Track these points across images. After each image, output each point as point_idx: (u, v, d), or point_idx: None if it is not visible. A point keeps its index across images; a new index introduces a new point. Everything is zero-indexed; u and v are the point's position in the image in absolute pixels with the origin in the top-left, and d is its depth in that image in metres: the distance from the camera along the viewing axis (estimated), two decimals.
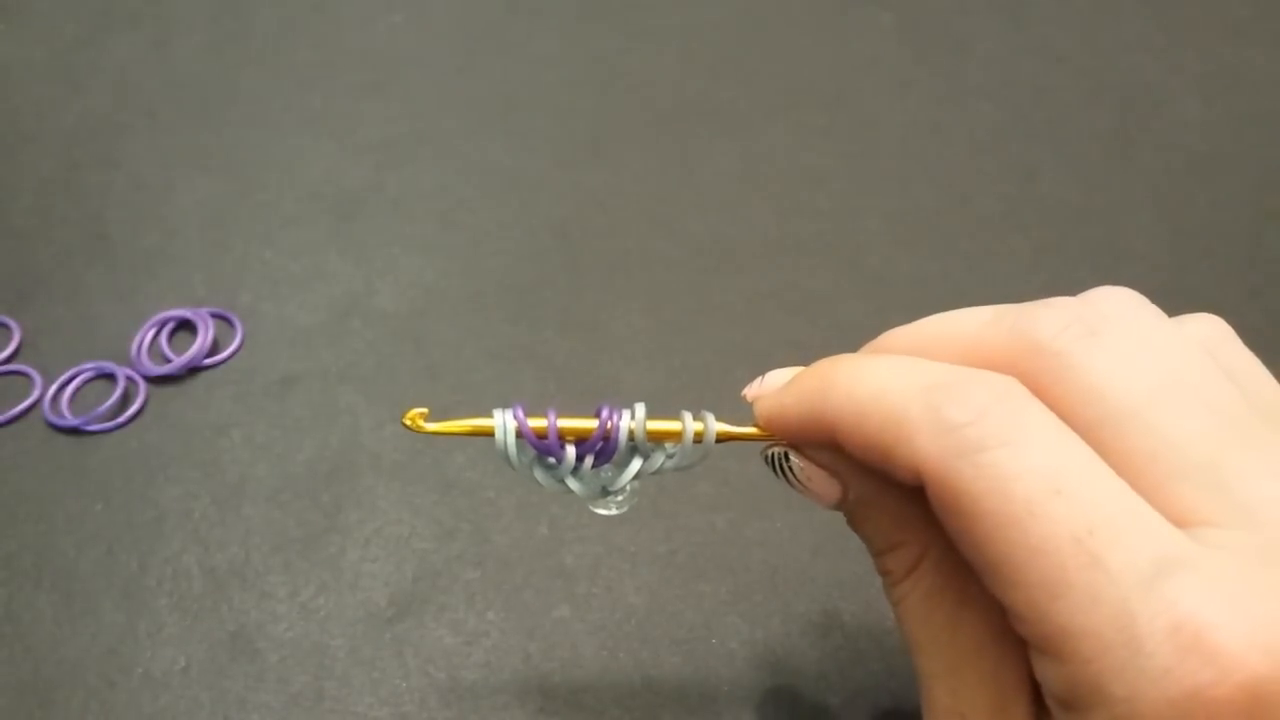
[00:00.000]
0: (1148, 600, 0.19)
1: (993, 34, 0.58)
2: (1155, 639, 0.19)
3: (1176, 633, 0.18)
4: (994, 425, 0.21)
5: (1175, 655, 0.18)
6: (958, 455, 0.21)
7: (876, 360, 0.25)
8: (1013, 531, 0.20)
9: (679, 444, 0.26)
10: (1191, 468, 0.21)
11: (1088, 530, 0.19)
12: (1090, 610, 0.19)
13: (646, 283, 0.45)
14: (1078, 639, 0.19)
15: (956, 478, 0.21)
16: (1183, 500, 0.20)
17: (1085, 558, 0.19)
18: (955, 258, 0.46)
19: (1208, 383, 0.22)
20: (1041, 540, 0.20)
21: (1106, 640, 0.19)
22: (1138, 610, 0.19)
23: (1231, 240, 0.48)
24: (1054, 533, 0.20)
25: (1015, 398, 0.21)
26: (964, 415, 0.21)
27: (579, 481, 0.27)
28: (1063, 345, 0.22)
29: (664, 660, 0.33)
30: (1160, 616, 0.19)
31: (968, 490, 0.21)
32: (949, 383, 0.22)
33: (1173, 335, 0.23)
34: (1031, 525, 0.20)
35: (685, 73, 0.55)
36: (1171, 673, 0.18)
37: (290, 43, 0.55)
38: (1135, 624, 0.19)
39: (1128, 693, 0.19)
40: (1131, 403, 0.21)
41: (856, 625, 0.34)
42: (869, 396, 0.23)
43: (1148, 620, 0.19)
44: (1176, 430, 0.21)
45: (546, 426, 0.26)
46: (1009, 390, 0.21)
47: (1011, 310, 0.24)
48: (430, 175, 0.48)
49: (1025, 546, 0.20)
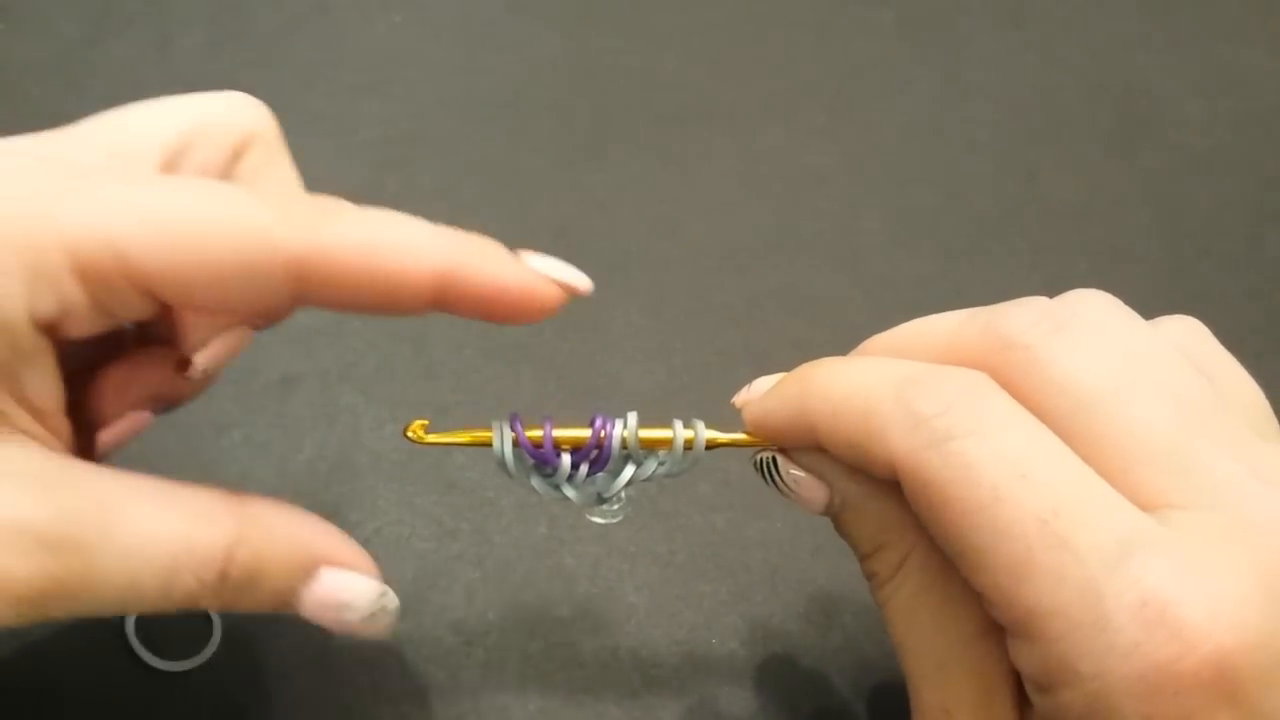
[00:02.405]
0: (1114, 578, 0.19)
1: (993, 34, 0.59)
2: (1122, 615, 0.19)
3: (1143, 609, 0.19)
4: (961, 416, 0.21)
5: (1142, 631, 0.19)
6: (927, 445, 0.21)
7: (853, 361, 0.26)
8: (980, 516, 0.20)
9: (671, 451, 0.27)
10: (1155, 453, 0.21)
11: (1053, 512, 0.20)
12: (1057, 590, 0.20)
13: (646, 283, 0.45)
14: (1047, 618, 0.20)
15: (926, 467, 0.21)
16: (1147, 484, 0.21)
17: (1051, 539, 0.20)
18: (955, 258, 0.47)
19: (1175, 375, 0.22)
20: (1008, 524, 0.20)
21: (1074, 619, 0.19)
22: (1104, 588, 0.19)
23: (1231, 240, 0.48)
24: (1020, 516, 0.20)
25: (981, 389, 0.22)
26: (933, 407, 0.22)
27: (575, 489, 0.27)
28: (1031, 339, 0.23)
29: (664, 660, 0.33)
30: (1126, 593, 0.19)
31: (936, 478, 0.21)
32: (919, 378, 0.22)
33: (1143, 332, 0.23)
34: (998, 509, 0.20)
35: (685, 73, 0.55)
36: (1139, 648, 0.19)
37: (290, 43, 0.55)
38: (1102, 602, 0.19)
39: (1097, 669, 0.19)
40: (1097, 393, 0.22)
41: (856, 625, 0.34)
42: (844, 395, 0.24)
43: (1114, 597, 0.19)
44: (1141, 418, 0.21)
45: (543, 436, 0.26)
46: (976, 383, 0.22)
47: (985, 310, 0.24)
48: (430, 175, 0.48)
49: (993, 530, 0.20)
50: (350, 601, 0.24)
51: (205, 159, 0.25)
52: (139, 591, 0.22)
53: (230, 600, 0.23)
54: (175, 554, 0.22)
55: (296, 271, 0.22)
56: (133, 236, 0.21)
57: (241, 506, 0.23)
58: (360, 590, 0.24)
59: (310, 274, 0.22)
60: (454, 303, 0.24)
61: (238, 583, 0.23)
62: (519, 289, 0.24)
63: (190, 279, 0.22)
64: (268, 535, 0.23)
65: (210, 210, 0.22)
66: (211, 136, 0.25)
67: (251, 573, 0.23)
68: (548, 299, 0.24)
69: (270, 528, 0.23)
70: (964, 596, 0.23)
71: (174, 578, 0.22)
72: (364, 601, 0.24)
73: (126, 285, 0.21)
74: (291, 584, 0.24)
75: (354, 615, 0.24)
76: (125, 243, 0.21)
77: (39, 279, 0.21)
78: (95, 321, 0.22)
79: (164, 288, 0.22)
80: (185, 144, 0.25)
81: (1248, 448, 0.21)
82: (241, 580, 0.23)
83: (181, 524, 0.22)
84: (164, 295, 0.22)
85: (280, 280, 0.22)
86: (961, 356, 0.23)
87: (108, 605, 0.22)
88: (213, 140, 0.25)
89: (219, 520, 0.23)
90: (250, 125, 0.26)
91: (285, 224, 0.22)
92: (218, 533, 0.23)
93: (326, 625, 0.24)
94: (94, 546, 0.21)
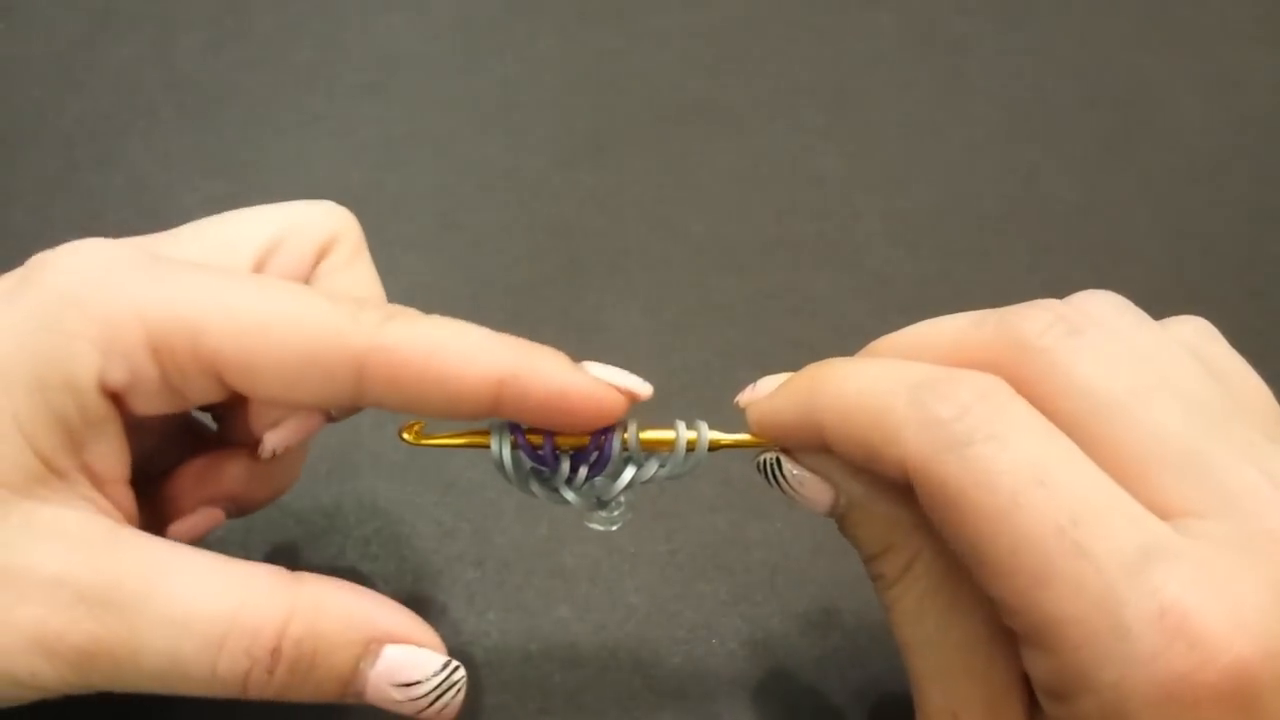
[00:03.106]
0: (1133, 587, 0.19)
1: (992, 34, 0.59)
2: (1141, 624, 0.19)
3: (1162, 618, 0.19)
4: (979, 420, 0.21)
5: (1162, 640, 0.19)
6: (945, 449, 0.21)
7: (864, 362, 0.25)
8: (999, 523, 0.20)
9: (672, 452, 0.27)
10: (1173, 459, 0.21)
11: (1072, 520, 0.20)
12: (1076, 598, 0.19)
13: (646, 283, 0.45)
14: (1065, 627, 0.20)
15: (943, 471, 0.21)
16: (1165, 491, 0.21)
17: (1070, 547, 0.20)
18: (955, 258, 0.47)
19: (1188, 379, 0.22)
20: (1027, 530, 0.20)
21: (1093, 627, 0.19)
22: (1124, 597, 0.19)
23: (1231, 240, 0.48)
24: (1039, 523, 0.20)
25: (999, 394, 0.22)
26: (949, 411, 0.21)
27: (574, 492, 0.27)
28: (1046, 343, 0.22)
29: (664, 660, 0.33)
30: (1146, 602, 0.19)
31: (954, 483, 0.21)
32: (934, 380, 0.22)
33: (1155, 334, 0.23)
34: (1017, 516, 0.20)
35: (685, 73, 0.55)
36: (1158, 657, 0.18)
37: (291, 43, 0.55)
38: (1121, 610, 0.19)
39: (1115, 678, 0.19)
40: (1114, 398, 0.22)
41: (856, 625, 0.34)
42: (856, 395, 0.23)
43: (1134, 606, 0.19)
44: (1158, 423, 0.21)
45: (542, 438, 0.26)
46: (993, 387, 0.22)
47: (995, 313, 0.24)
48: (430, 175, 0.48)
49: (1011, 537, 0.20)
50: (416, 678, 0.24)
51: (290, 260, 0.27)
52: (182, 663, 0.21)
53: (287, 683, 0.23)
54: (222, 625, 0.22)
55: (359, 367, 0.23)
56: (208, 319, 0.23)
57: (298, 582, 0.23)
58: (425, 665, 0.24)
59: (373, 371, 0.23)
60: (516, 407, 0.24)
61: (294, 663, 0.22)
62: (579, 395, 0.25)
63: (257, 365, 0.23)
64: (325, 611, 0.23)
65: (282, 303, 0.23)
66: (298, 239, 0.27)
67: (308, 651, 0.22)
68: (609, 405, 0.25)
69: (328, 603, 0.23)
70: (972, 599, 0.23)
71: (220, 652, 0.22)
72: (430, 676, 0.24)
73: (197, 366, 0.23)
74: (353, 663, 0.23)
75: (421, 692, 0.24)
76: (200, 324, 0.23)
77: (113, 347, 0.22)
78: (164, 400, 0.23)
79: (233, 372, 0.23)
80: (274, 245, 0.27)
81: (1262, 452, 0.21)
82: (297, 659, 0.22)
83: (230, 595, 0.22)
84: (233, 381, 0.23)
85: (344, 375, 0.23)
86: (972, 359, 0.23)
87: (151, 675, 0.22)
88: (298, 243, 0.27)
89: (272, 594, 0.23)
90: (334, 228, 0.28)
91: (352, 322, 0.23)
92: (269, 606, 0.22)
93: (395, 708, 0.24)
94: (135, 609, 0.21)
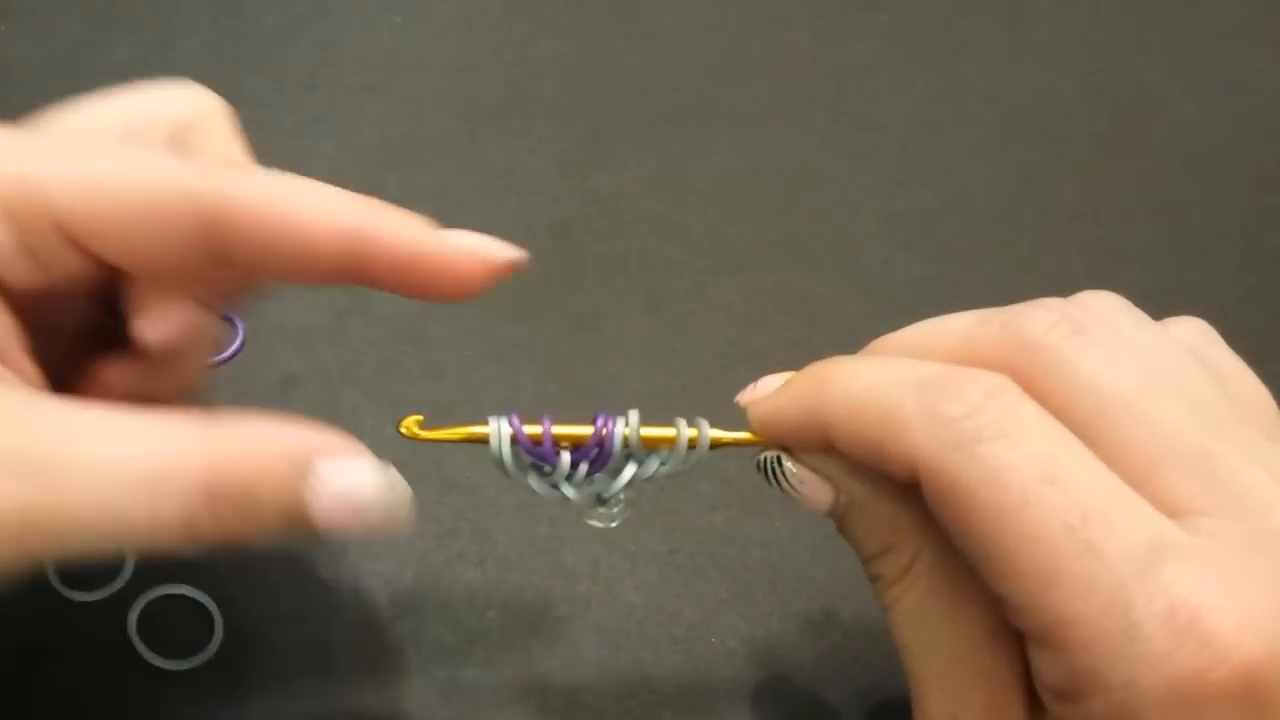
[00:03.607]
0: (1143, 585, 0.19)
1: (991, 35, 0.59)
2: (1152, 624, 0.19)
3: (1173, 617, 0.19)
4: (988, 418, 0.21)
5: (1172, 639, 0.18)
6: (954, 447, 0.21)
7: (870, 360, 0.25)
8: (1008, 521, 0.20)
9: (673, 449, 0.27)
10: (1180, 457, 0.21)
11: (1081, 518, 0.20)
12: (1086, 597, 0.19)
13: (646, 283, 0.45)
14: (1074, 626, 0.19)
15: (953, 469, 0.21)
16: (1172, 489, 0.21)
17: (1080, 545, 0.20)
18: (955, 258, 0.47)
19: (1191, 378, 0.22)
20: (1036, 529, 0.20)
21: (1103, 627, 0.19)
22: (1134, 596, 0.19)
23: (1230, 240, 0.48)
24: (1048, 521, 0.20)
25: (1008, 392, 0.22)
26: (958, 409, 0.21)
27: (574, 488, 0.27)
28: (1052, 341, 0.23)
29: (664, 660, 0.33)
30: (1156, 601, 0.19)
31: (964, 481, 0.21)
32: (943, 378, 0.22)
33: (1156, 334, 0.23)
34: (1026, 514, 0.20)
35: (685, 73, 0.55)
36: (1169, 657, 0.18)
37: (291, 44, 0.55)
38: (1132, 609, 0.19)
39: (1125, 678, 0.19)
40: (1121, 396, 0.22)
41: (856, 625, 0.34)
42: (864, 392, 0.23)
43: (1144, 605, 0.19)
44: (1165, 421, 0.21)
45: (542, 433, 0.26)
46: (1002, 385, 0.22)
47: (999, 311, 0.24)
48: (430, 175, 0.48)
49: (1020, 536, 0.20)
50: (360, 491, 0.23)
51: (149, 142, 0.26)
52: (124, 516, 0.21)
53: (236, 524, 0.22)
54: (152, 473, 0.21)
55: (207, 220, 0.23)
56: (50, 176, 0.23)
57: (217, 422, 0.22)
58: (365, 475, 0.23)
59: (221, 224, 0.23)
60: (369, 270, 0.24)
61: (235, 500, 0.21)
62: (433, 258, 0.24)
63: (107, 222, 0.23)
64: (249, 440, 0.22)
65: (128, 160, 0.23)
66: (155, 122, 0.27)
67: (244, 485, 0.22)
68: (465, 271, 0.25)
69: (250, 433, 0.22)
70: (974, 599, 0.23)
71: (157, 498, 0.21)
72: (372, 488, 0.23)
73: (48, 226, 0.23)
74: (290, 485, 0.22)
75: (371, 508, 0.23)
76: (44, 182, 0.22)
77: None
78: (29, 270, 0.23)
79: (83, 231, 0.23)
80: (131, 130, 0.26)
81: (1264, 451, 0.21)
82: (237, 495, 0.21)
83: (152, 441, 0.21)
84: (87, 242, 0.23)
85: (190, 226, 0.23)
86: (977, 357, 0.23)
87: (93, 534, 0.21)
88: (156, 126, 0.27)
89: (194, 434, 0.22)
90: (194, 110, 0.28)
91: (198, 173, 0.23)
92: (194, 444, 0.21)
93: (349, 530, 0.23)
94: (61, 468, 0.20)
